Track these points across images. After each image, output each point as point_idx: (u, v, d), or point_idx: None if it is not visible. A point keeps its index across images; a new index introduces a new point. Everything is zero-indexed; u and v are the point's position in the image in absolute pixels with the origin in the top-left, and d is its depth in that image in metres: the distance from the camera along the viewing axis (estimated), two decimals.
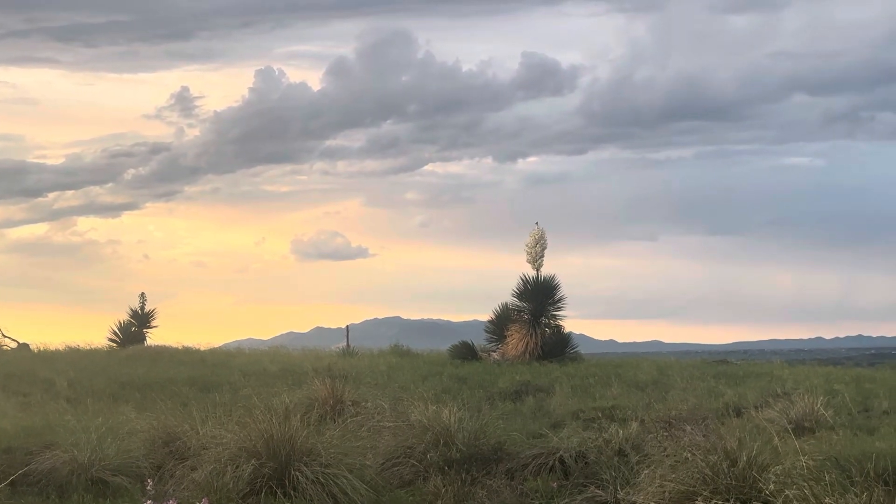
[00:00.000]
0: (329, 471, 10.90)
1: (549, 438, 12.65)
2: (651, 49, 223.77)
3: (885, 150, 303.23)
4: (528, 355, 27.62)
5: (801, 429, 13.23)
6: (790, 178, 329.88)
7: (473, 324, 35.71)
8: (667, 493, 9.40)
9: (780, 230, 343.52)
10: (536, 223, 29.95)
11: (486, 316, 30.70)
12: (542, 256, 29.59)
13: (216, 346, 35.98)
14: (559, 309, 29.35)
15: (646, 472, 9.95)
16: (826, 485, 8.55)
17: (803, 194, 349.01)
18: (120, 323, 37.19)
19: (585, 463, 11.79)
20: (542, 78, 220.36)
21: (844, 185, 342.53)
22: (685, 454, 9.72)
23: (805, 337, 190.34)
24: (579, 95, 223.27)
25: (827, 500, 8.20)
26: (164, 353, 30.36)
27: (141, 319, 37.45)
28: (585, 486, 11.09)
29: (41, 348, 32.43)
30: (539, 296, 29.11)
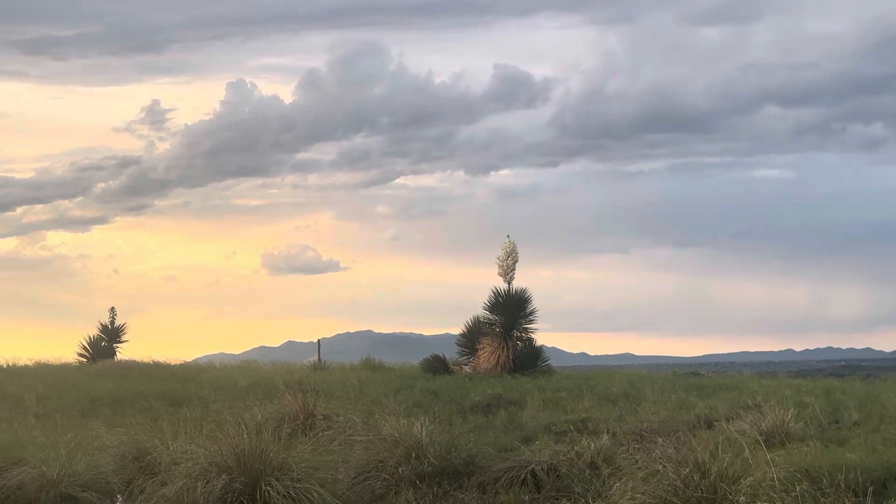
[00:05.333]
0: (300, 485, 10.86)
1: (521, 451, 12.66)
2: (623, 61, 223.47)
3: (855, 162, 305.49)
4: (499, 368, 27.60)
5: (771, 441, 13.28)
6: (761, 190, 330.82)
7: (445, 337, 35.61)
8: None
9: (750, 242, 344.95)
10: (508, 236, 29.99)
11: (457, 329, 30.63)
12: (514, 269, 29.59)
13: (187, 360, 35.88)
14: (531, 322, 29.36)
15: (617, 484, 9.97)
16: (796, 496, 8.61)
17: (774, 206, 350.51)
18: (90, 338, 36.91)
19: (557, 476, 11.81)
20: (514, 90, 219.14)
21: (814, 197, 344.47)
22: (656, 466, 9.75)
23: (775, 349, 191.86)
24: (551, 108, 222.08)
25: None
26: (134, 367, 30.16)
27: (111, 334, 37.19)
28: (557, 499, 11.13)
29: (10, 364, 32.13)
30: (511, 309, 29.11)
